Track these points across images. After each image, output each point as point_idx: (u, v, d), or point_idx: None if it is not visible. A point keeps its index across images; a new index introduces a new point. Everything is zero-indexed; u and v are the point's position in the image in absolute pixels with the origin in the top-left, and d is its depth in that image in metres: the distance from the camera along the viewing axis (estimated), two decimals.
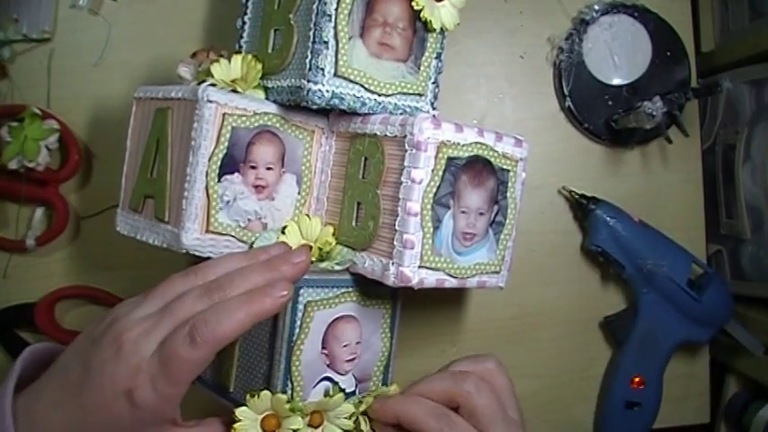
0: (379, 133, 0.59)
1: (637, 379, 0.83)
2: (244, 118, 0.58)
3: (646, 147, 0.87)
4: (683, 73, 0.86)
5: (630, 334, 0.83)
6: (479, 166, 0.59)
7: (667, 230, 0.84)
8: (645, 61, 0.85)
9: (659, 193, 0.87)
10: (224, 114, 0.57)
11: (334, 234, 0.62)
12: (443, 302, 0.83)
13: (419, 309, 0.80)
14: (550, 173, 0.85)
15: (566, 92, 0.84)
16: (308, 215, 0.63)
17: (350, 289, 0.60)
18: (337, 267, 0.59)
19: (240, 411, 0.55)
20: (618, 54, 0.85)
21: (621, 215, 0.81)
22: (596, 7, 0.84)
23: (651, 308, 0.82)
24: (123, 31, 0.77)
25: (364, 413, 0.62)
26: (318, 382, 0.59)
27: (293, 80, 0.59)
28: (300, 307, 0.57)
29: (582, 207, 0.83)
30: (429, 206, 0.56)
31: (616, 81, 0.85)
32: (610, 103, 0.85)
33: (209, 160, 0.57)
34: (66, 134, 0.74)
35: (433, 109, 0.65)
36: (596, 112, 0.85)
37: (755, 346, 0.82)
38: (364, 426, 0.61)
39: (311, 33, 0.57)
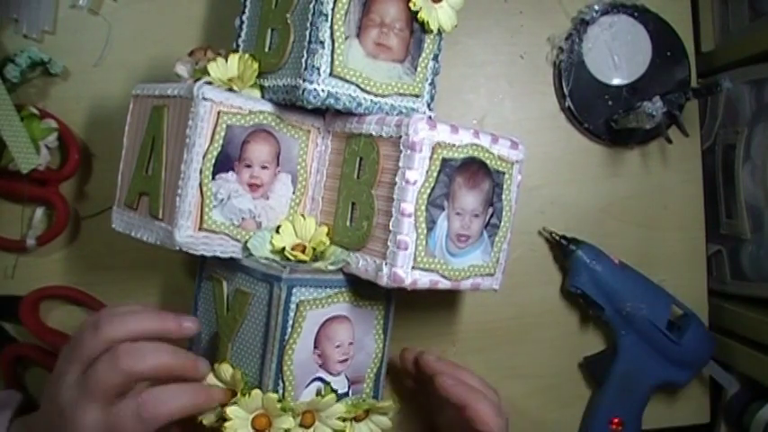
0: (374, 133, 0.59)
1: (616, 420, 0.82)
2: (239, 116, 0.59)
3: (646, 147, 0.87)
4: (683, 73, 0.86)
5: (609, 375, 0.82)
6: (475, 168, 0.59)
7: (667, 230, 0.83)
8: (645, 61, 0.85)
9: (659, 193, 0.87)
10: (219, 112, 0.57)
11: (328, 234, 0.62)
12: (443, 303, 0.83)
13: (418, 309, 0.80)
14: (551, 173, 0.85)
15: (566, 92, 0.84)
16: (302, 215, 0.63)
17: (343, 289, 0.60)
18: (331, 267, 0.59)
19: (231, 410, 0.55)
20: (618, 54, 0.85)
21: (601, 257, 0.80)
22: (596, 7, 0.84)
23: (630, 349, 0.81)
24: (123, 31, 0.77)
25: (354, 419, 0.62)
26: (310, 383, 0.59)
27: (289, 79, 0.59)
28: (293, 306, 0.57)
29: (562, 248, 0.82)
30: (423, 207, 0.56)
31: (616, 81, 0.85)
32: (610, 103, 0.84)
33: (204, 158, 0.57)
34: (65, 134, 0.74)
35: (430, 110, 0.65)
36: (596, 112, 0.84)
37: (731, 384, 0.83)
38: (350, 431, 0.62)
39: (307, 33, 0.58)
